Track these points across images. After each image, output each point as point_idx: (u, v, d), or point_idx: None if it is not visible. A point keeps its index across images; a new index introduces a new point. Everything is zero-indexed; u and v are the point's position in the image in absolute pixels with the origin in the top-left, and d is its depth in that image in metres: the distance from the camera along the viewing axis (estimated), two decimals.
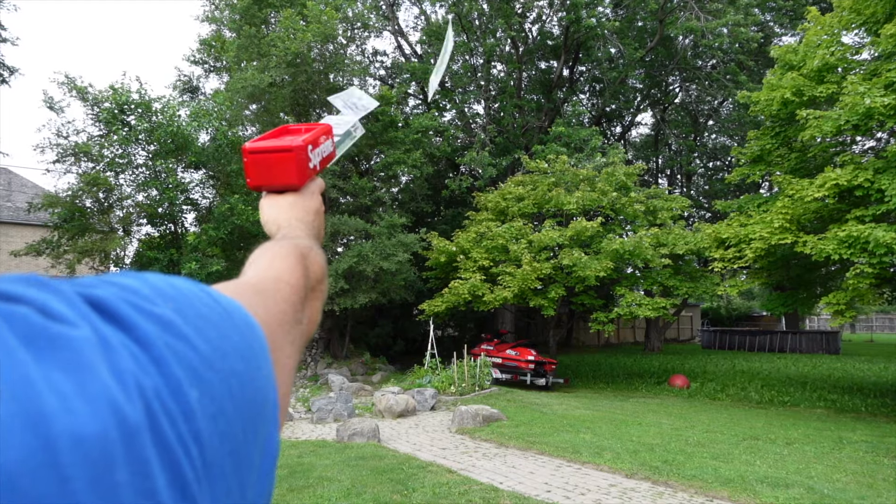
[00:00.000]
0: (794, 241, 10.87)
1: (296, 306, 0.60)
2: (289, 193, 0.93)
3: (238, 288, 0.54)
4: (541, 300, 15.53)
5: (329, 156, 1.07)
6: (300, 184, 0.92)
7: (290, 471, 6.71)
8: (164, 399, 0.31)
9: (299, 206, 0.91)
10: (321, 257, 0.77)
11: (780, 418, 11.37)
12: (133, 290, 0.36)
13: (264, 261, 0.66)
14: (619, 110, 30.21)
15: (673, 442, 8.39)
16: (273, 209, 0.90)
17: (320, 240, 0.96)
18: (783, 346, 27.82)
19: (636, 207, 16.87)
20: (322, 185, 1.01)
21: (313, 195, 0.95)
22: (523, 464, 7.26)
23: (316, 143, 0.99)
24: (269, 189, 0.93)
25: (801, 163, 12.94)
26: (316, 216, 0.93)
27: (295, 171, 0.91)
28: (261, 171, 0.91)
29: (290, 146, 0.90)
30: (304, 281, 0.66)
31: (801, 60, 11.96)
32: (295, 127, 1.04)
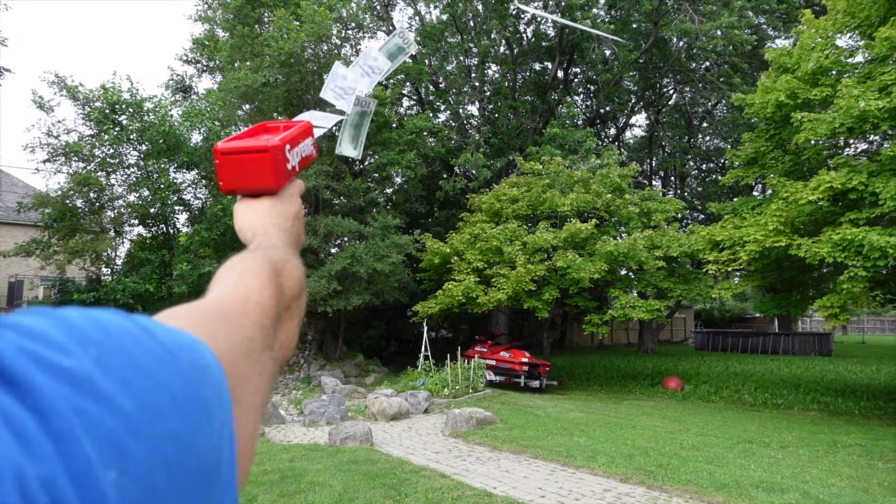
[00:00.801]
0: (788, 243, 10.86)
1: (266, 330, 0.54)
2: (265, 197, 0.86)
3: (196, 314, 0.47)
4: (535, 302, 15.48)
5: (309, 156, 1.00)
6: (277, 187, 0.86)
7: (281, 476, 6.62)
8: (59, 491, 0.24)
9: (276, 210, 0.84)
10: (298, 270, 0.70)
11: (773, 421, 11.36)
12: (40, 336, 0.28)
13: (232, 278, 0.59)
14: (613, 112, 30.22)
15: (667, 445, 8.35)
16: (248, 215, 0.83)
17: (299, 247, 0.90)
18: (776, 348, 27.91)
19: (630, 209, 16.85)
20: (302, 188, 0.94)
21: (292, 198, 0.88)
22: (517, 468, 7.20)
23: (295, 142, 0.92)
24: (243, 193, 0.87)
25: (795, 165, 12.94)
26: (295, 221, 0.86)
27: (271, 172, 0.85)
28: (234, 173, 0.84)
29: (265, 146, 0.84)
30: (277, 300, 0.59)
31: (796, 63, 11.96)
32: (273, 125, 0.97)
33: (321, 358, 18.14)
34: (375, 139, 18.46)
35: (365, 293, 16.45)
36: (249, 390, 0.46)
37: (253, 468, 6.84)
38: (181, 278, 13.83)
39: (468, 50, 24.37)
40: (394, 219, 17.32)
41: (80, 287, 15.40)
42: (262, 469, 6.86)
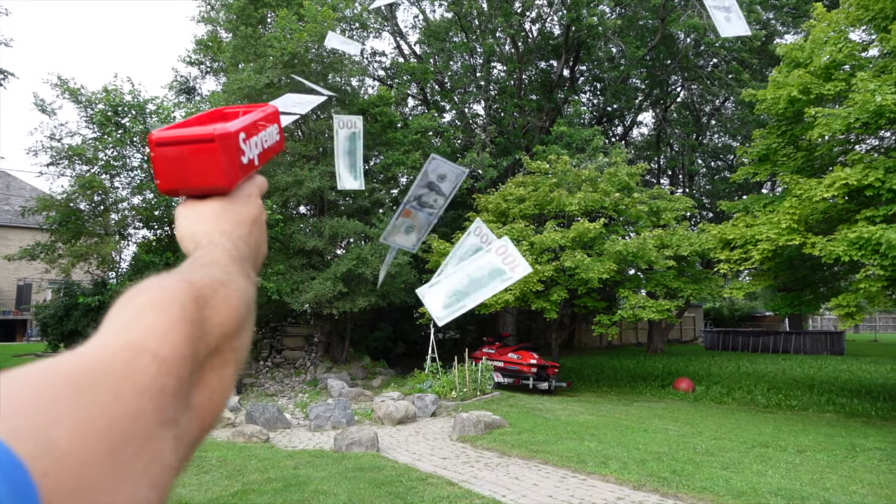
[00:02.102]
0: (802, 242, 10.62)
1: (168, 394, 0.37)
2: (214, 198, 0.69)
3: (32, 387, 0.30)
4: (543, 303, 15.28)
5: (274, 147, 0.83)
6: (229, 185, 0.68)
7: (284, 484, 6.46)
8: None
9: (228, 215, 0.67)
10: (239, 295, 0.52)
11: (788, 423, 11.12)
12: None
13: (124, 316, 0.40)
14: (620, 110, 29.95)
15: (680, 450, 8.14)
16: (191, 221, 0.66)
17: (259, 260, 0.72)
18: (787, 347, 27.55)
19: (639, 208, 16.62)
20: (263, 186, 0.76)
21: (249, 199, 0.71)
22: (526, 475, 7.01)
23: (253, 130, 0.75)
24: (187, 193, 0.69)
25: (807, 162, 12.70)
26: (252, 227, 0.69)
27: (220, 167, 0.67)
28: (174, 168, 0.67)
29: (210, 134, 0.66)
30: (195, 344, 0.42)
31: (808, 58, 11.72)
32: (232, 110, 0.80)
33: (328, 360, 18.00)
34: (380, 139, 18.32)
35: (371, 295, 16.30)
36: (122, 501, 0.29)
37: (256, 476, 6.70)
38: None
39: (473, 49, 24.19)
40: None
41: (85, 290, 15.32)
42: (266, 477, 6.71)
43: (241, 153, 0.71)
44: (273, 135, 0.83)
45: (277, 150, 0.86)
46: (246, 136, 0.73)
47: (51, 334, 15.39)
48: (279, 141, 0.86)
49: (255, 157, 0.75)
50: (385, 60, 26.73)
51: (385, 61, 26.65)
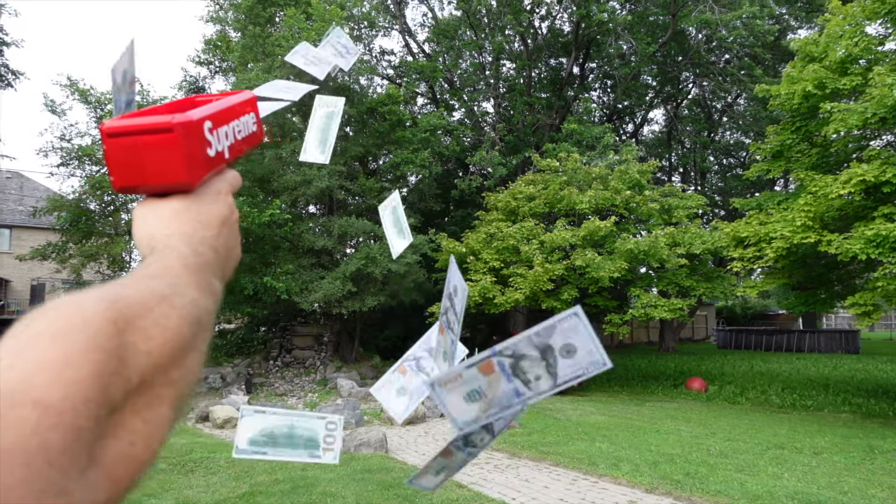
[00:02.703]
0: (817, 239, 10.43)
1: (52, 453, 0.28)
2: (175, 196, 0.60)
3: None
4: (553, 302, 15.15)
5: (250, 137, 0.74)
6: (192, 181, 0.60)
7: (292, 485, 6.40)
8: None
9: (191, 215, 0.58)
10: (182, 312, 0.43)
11: (804, 424, 10.93)
12: None
13: (11, 347, 0.31)
14: (630, 107, 29.72)
15: (694, 452, 8.01)
16: (149, 222, 0.58)
17: (230, 265, 0.63)
18: (801, 346, 27.24)
19: (651, 206, 16.45)
20: (235, 182, 0.68)
21: (218, 197, 0.62)
22: (537, 477, 6.92)
23: (223, 118, 0.66)
24: (146, 190, 0.61)
25: (822, 158, 12.48)
26: (221, 229, 0.61)
27: (181, 161, 0.58)
28: (128, 162, 0.58)
29: (168, 123, 0.58)
30: (105, 381, 0.32)
31: (823, 52, 11.51)
32: (205, 98, 0.72)
33: (337, 360, 17.98)
34: (389, 138, 18.25)
35: (380, 294, 16.25)
36: None
37: (264, 478, 6.65)
38: None
39: (482, 46, 24.07)
40: (408, 218, 17.08)
41: None
42: (274, 478, 6.65)
43: (206, 144, 0.63)
44: (249, 125, 0.75)
45: (255, 141, 0.77)
46: (213, 125, 0.64)
47: None
48: (257, 132, 0.78)
49: (224, 149, 0.67)
50: (394, 59, 26.68)
51: (394, 60, 26.61)
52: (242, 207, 14.26)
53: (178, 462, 7.32)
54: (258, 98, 0.85)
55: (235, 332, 21.31)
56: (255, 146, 0.79)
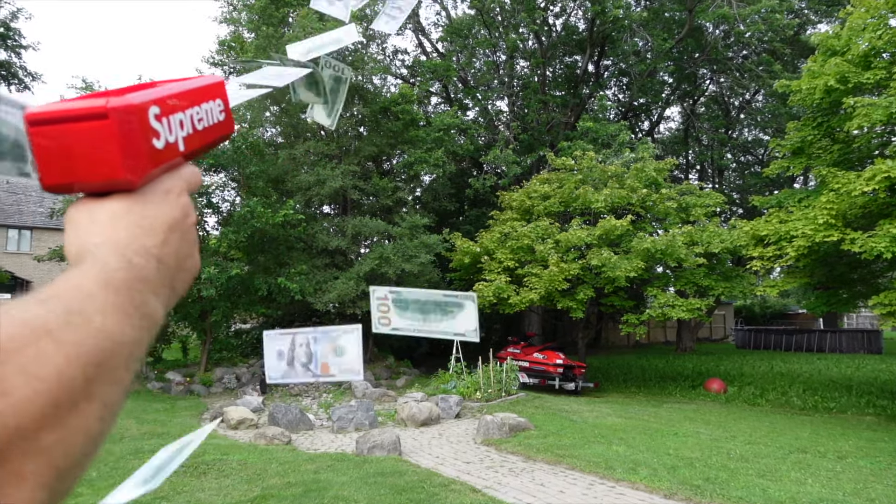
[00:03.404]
0: (840, 238, 10.18)
1: None
2: (115, 196, 0.50)
3: None
4: (569, 302, 14.99)
5: (217, 127, 0.64)
6: (133, 178, 0.49)
7: (304, 489, 6.34)
8: None
9: (131, 218, 0.48)
10: (71, 352, 0.33)
11: (826, 427, 10.68)
12: None
13: None
14: (647, 104, 29.40)
15: (713, 455, 7.83)
16: (81, 228, 0.48)
17: (182, 277, 0.52)
18: (822, 346, 26.78)
19: (667, 204, 16.21)
20: (193, 179, 0.57)
21: (167, 198, 0.53)
22: (552, 481, 6.78)
23: (174, 105, 0.56)
24: (81, 189, 0.51)
25: (844, 155, 12.19)
26: (169, 235, 0.51)
27: (118, 154, 0.48)
28: (56, 156, 0.48)
29: (101, 108, 0.48)
30: None
31: (845, 45, 11.24)
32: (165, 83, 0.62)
33: None
34: (403, 137, 18.18)
35: None
36: None
37: (276, 481, 6.59)
38: (209, 281, 13.74)
39: (496, 45, 23.92)
40: (422, 218, 17.01)
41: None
42: (286, 481, 6.59)
43: (151, 134, 0.52)
44: (213, 113, 0.64)
45: (221, 133, 0.67)
46: (161, 111, 0.54)
47: None
48: (224, 122, 0.67)
49: (178, 140, 0.57)
50: (407, 58, 26.61)
51: (407, 59, 26.54)
52: (256, 208, 14.27)
53: (190, 464, 7.28)
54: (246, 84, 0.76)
55: (250, 333, 21.37)
56: (223, 139, 0.69)
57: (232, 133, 0.70)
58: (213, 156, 14.62)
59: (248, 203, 14.63)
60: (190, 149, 0.59)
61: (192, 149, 0.60)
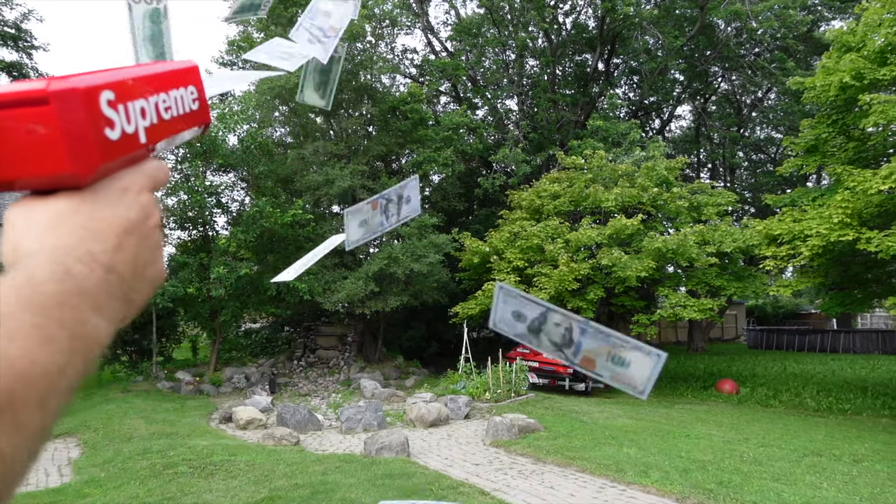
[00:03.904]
0: (856, 237, 10.01)
1: None
2: (61, 194, 0.44)
3: None
4: (579, 302, 14.87)
5: (188, 117, 0.57)
6: (80, 173, 0.43)
7: (312, 491, 6.29)
8: None
9: (77, 220, 0.42)
10: None
11: (841, 429, 10.52)
12: None
13: None
14: (657, 103, 29.16)
15: (726, 458, 7.71)
16: (18, 228, 0.42)
17: (140, 287, 0.45)
18: (835, 346, 26.45)
19: (679, 203, 16.03)
20: (158, 175, 0.51)
21: (124, 196, 0.46)
22: (562, 484, 6.70)
23: (133, 90, 0.50)
24: (23, 186, 0.45)
25: (859, 153, 12.00)
26: (124, 239, 0.44)
27: (62, 145, 0.42)
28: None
29: (42, 92, 0.42)
30: None
31: (860, 41, 11.05)
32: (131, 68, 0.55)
33: (361, 360, 17.91)
34: (411, 137, 18.12)
35: (403, 294, 16.13)
36: None
37: (283, 482, 6.55)
38: (219, 281, 13.75)
39: (505, 43, 23.80)
40: (431, 218, 16.94)
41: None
42: (294, 483, 6.55)
43: (103, 123, 0.46)
44: (184, 101, 0.58)
45: (194, 123, 0.60)
46: (116, 97, 0.48)
47: None
48: (198, 111, 0.60)
49: (138, 130, 0.50)
50: (416, 57, 26.54)
51: (416, 58, 26.47)
52: (265, 208, 14.25)
53: (198, 465, 7.26)
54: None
55: (260, 332, 21.40)
56: (198, 131, 0.62)
57: (207, 123, 0.63)
58: (223, 156, 14.62)
59: (257, 203, 14.63)
60: (154, 140, 0.53)
61: (156, 140, 0.53)
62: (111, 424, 9.75)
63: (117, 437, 8.95)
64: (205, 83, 0.62)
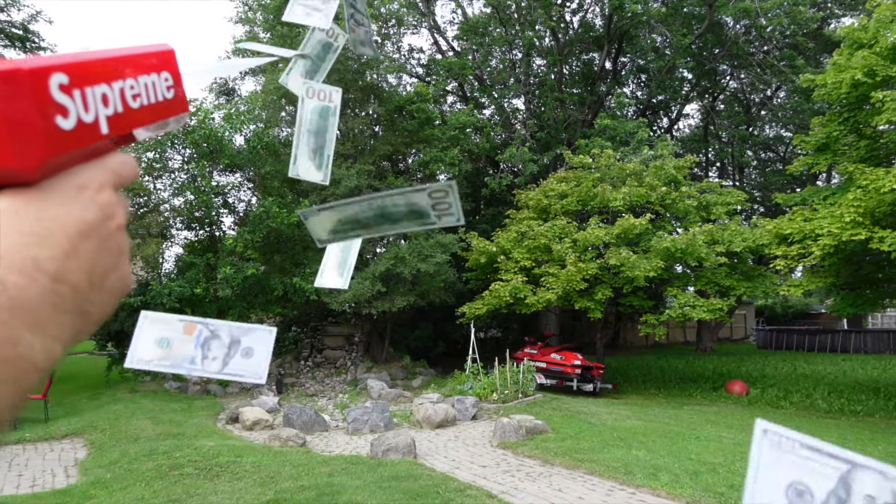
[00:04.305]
0: (868, 236, 9.87)
1: None
2: (4, 192, 0.38)
3: None
4: (587, 302, 14.77)
5: (161, 107, 0.51)
6: (26, 168, 0.39)
7: (318, 493, 6.24)
8: None
9: (20, 222, 0.37)
10: None
11: (854, 431, 10.38)
12: None
13: None
14: (665, 101, 28.99)
15: (737, 461, 7.60)
16: None
17: (99, 300, 0.42)
18: (846, 346, 26.20)
19: (688, 203, 15.89)
20: (123, 172, 0.45)
21: (79, 195, 0.41)
22: (571, 486, 6.62)
23: (92, 74, 0.43)
24: None
25: (871, 151, 11.85)
26: (77, 244, 0.39)
27: (3, 135, 0.37)
28: None
29: None
30: None
31: (873, 38, 10.91)
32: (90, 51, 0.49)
33: (368, 360, 17.88)
34: (418, 136, 18.07)
35: (409, 294, 16.07)
36: None
37: (289, 484, 6.50)
38: (225, 281, 13.75)
39: (512, 42, 23.71)
40: None
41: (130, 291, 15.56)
42: (300, 485, 6.51)
43: (52, 110, 0.39)
44: (157, 89, 0.51)
45: (169, 114, 0.53)
46: (71, 81, 0.41)
47: (98, 334, 15.67)
48: (174, 101, 0.54)
49: (100, 119, 0.44)
50: (422, 57, 26.48)
51: (422, 58, 26.41)
52: (272, 208, 14.24)
53: (204, 466, 7.24)
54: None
55: None
56: (175, 123, 0.55)
57: (185, 114, 0.56)
58: (230, 156, 14.62)
59: (263, 203, 14.62)
60: (119, 131, 0.46)
61: (122, 131, 0.47)
62: (118, 425, 9.75)
63: (124, 437, 8.94)
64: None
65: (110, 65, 0.46)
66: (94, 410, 11.33)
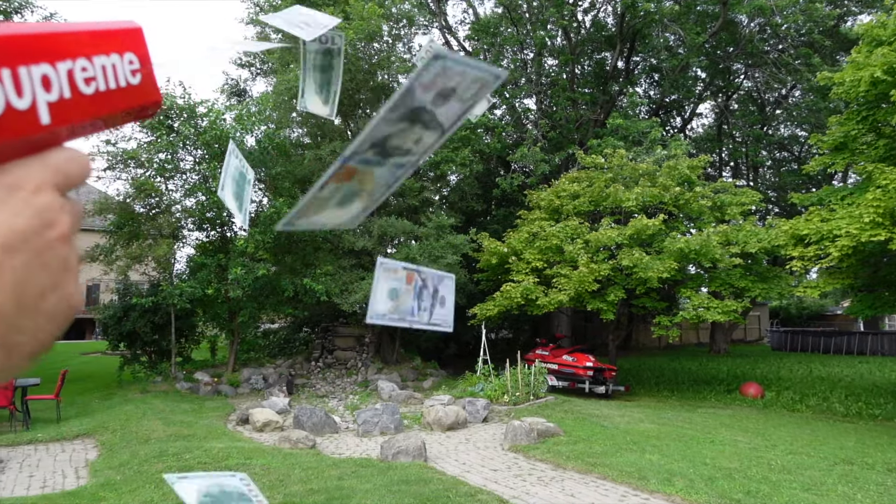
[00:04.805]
0: (888, 237, 9.67)
1: None
2: None
3: None
4: (599, 303, 14.63)
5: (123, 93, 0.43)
6: None
7: (327, 496, 6.18)
8: None
9: None
10: None
11: (872, 435, 10.18)
12: None
13: None
14: (679, 101, 28.71)
15: (753, 466, 7.47)
16: None
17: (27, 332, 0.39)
18: (863, 348, 25.81)
19: (701, 203, 15.70)
20: (68, 171, 0.38)
21: (11, 196, 0.35)
22: (583, 491, 6.52)
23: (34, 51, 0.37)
24: None
25: (890, 150, 11.62)
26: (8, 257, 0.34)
27: None
28: None
29: None
30: None
31: (892, 35, 10.69)
32: None
33: (378, 361, 17.83)
34: None
35: None
36: None
37: (298, 487, 6.45)
38: (236, 282, 13.74)
39: (524, 42, 23.58)
40: (448, 218, 16.81)
41: (141, 291, 15.63)
42: (309, 488, 6.45)
43: None
44: (116, 72, 0.43)
45: (134, 103, 0.45)
46: (3, 59, 0.34)
47: (110, 334, 15.75)
48: (139, 87, 0.45)
49: (38, 106, 0.37)
50: None
51: None
52: (283, 209, 14.21)
53: (213, 469, 7.20)
54: None
55: (278, 333, 21.44)
56: (140, 113, 0.47)
57: (154, 103, 0.48)
58: None
59: (274, 204, 14.61)
60: (63, 122, 0.38)
61: (69, 122, 0.39)
62: (129, 426, 9.75)
63: (135, 438, 8.94)
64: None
65: (56, 40, 0.39)
66: (105, 411, 11.36)
